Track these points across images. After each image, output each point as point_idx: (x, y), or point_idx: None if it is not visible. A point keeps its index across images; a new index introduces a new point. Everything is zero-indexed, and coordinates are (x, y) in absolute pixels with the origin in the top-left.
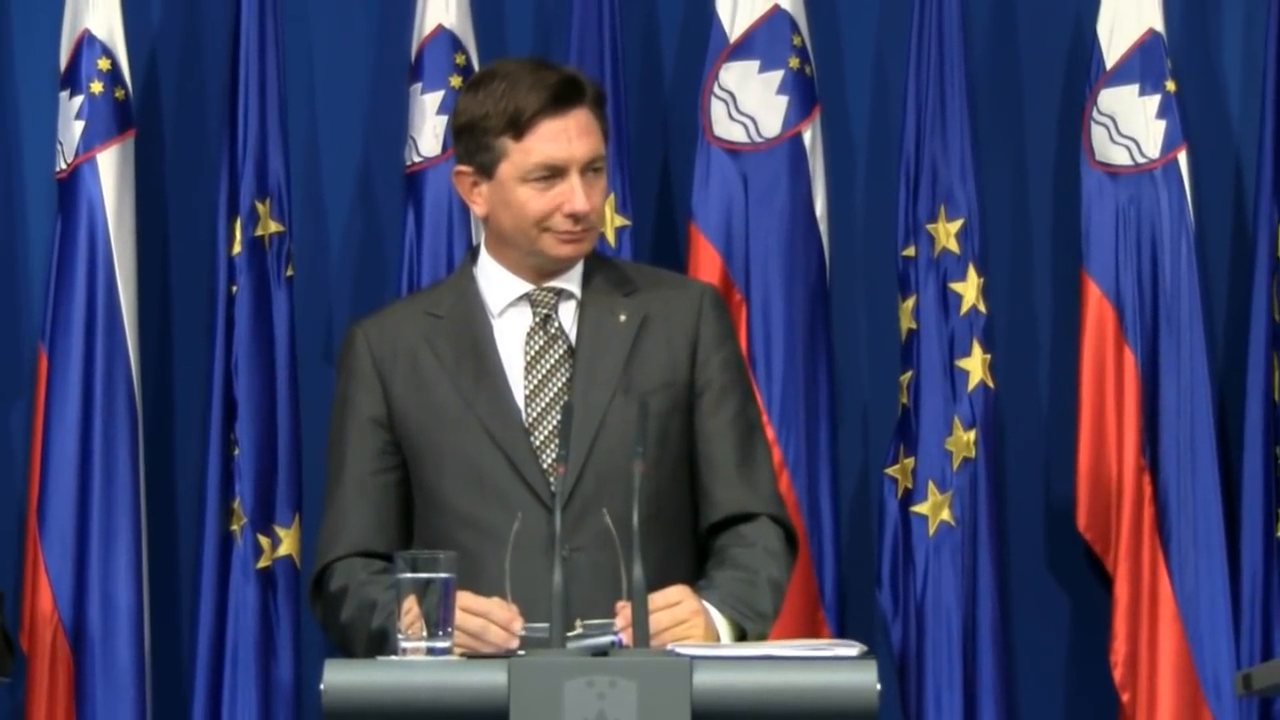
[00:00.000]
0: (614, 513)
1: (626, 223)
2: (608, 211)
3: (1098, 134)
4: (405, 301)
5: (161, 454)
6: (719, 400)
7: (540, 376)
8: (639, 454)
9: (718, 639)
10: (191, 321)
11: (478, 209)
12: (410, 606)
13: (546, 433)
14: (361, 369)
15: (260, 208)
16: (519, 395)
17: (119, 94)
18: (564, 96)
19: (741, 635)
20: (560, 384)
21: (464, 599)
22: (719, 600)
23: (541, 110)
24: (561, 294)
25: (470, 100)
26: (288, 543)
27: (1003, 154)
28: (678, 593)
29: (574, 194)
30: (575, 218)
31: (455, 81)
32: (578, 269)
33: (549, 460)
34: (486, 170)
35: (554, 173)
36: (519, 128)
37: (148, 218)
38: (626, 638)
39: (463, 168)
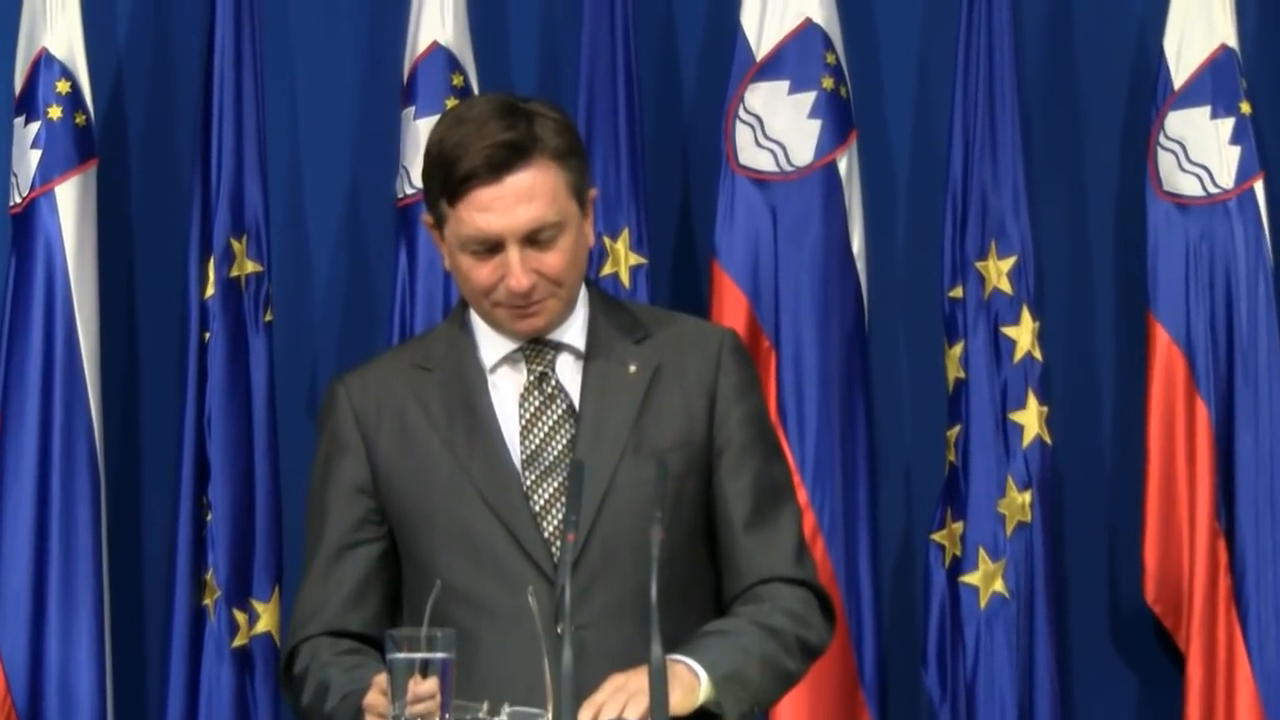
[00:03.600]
0: (625, 584)
1: (642, 261)
2: (621, 250)
3: (1165, 161)
4: (393, 353)
5: (126, 520)
6: (740, 460)
7: (539, 439)
8: (657, 520)
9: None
10: (159, 372)
11: (445, 261)
12: (382, 689)
13: (547, 497)
14: (343, 430)
15: (236, 246)
16: (516, 457)
17: (80, 120)
18: (500, 160)
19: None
20: (561, 445)
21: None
22: (684, 653)
23: (472, 176)
24: (559, 347)
25: (430, 143)
26: (266, 619)
27: (1060, 183)
28: (619, 675)
29: (511, 270)
30: (518, 296)
31: (452, 104)
32: (581, 313)
33: (551, 527)
34: (440, 227)
35: (489, 245)
36: (452, 193)
37: (111, 257)
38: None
39: (427, 217)
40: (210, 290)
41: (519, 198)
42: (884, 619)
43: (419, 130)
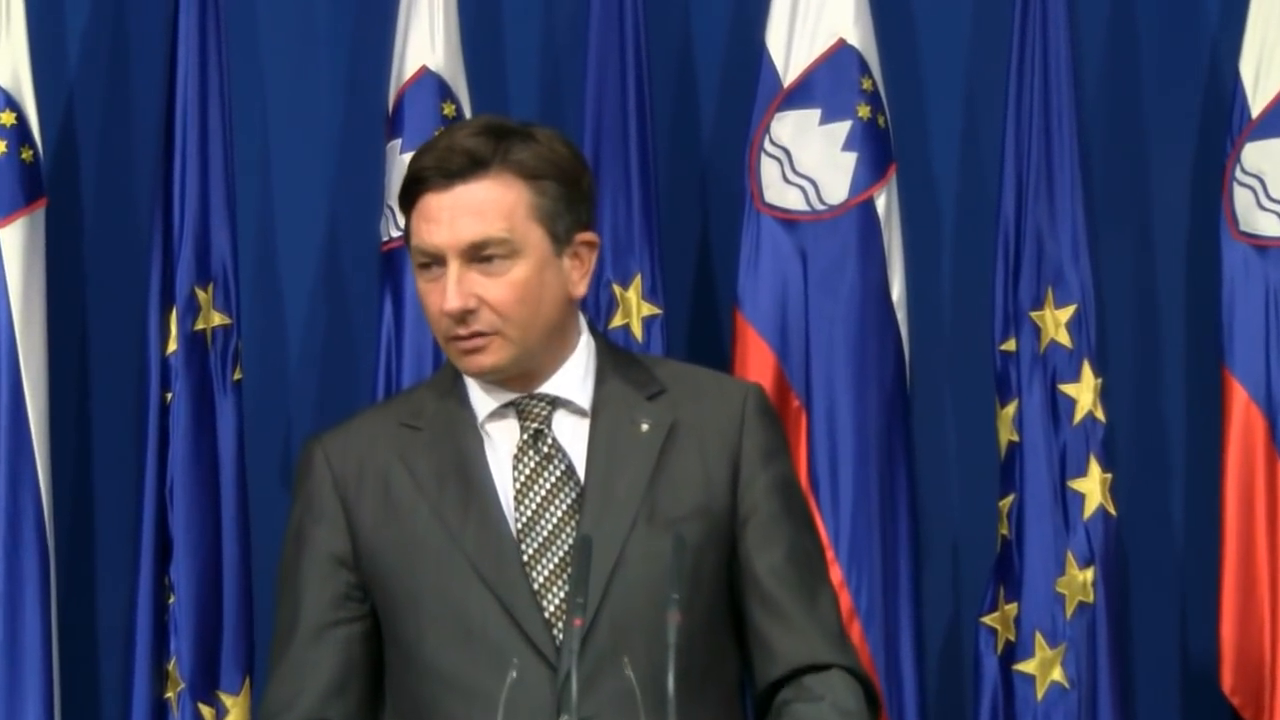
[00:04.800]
0: (637, 672)
1: (656, 311)
2: (632, 299)
3: (1242, 198)
4: (377, 410)
5: (78, 603)
6: (768, 530)
7: (535, 505)
8: (674, 601)
9: None
10: (115, 438)
11: None
12: None
13: (549, 572)
14: (319, 495)
15: (201, 295)
16: (512, 527)
17: (26, 155)
18: (455, 167)
19: None
20: (561, 513)
21: None
22: None
23: (422, 179)
24: (556, 402)
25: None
26: (236, 713)
27: (1124, 223)
28: None
29: (445, 287)
30: (453, 320)
31: None
32: (581, 365)
33: (553, 607)
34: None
35: (434, 260)
36: (405, 203)
37: (61, 308)
38: None
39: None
40: (172, 345)
41: (467, 208)
42: (929, 712)
43: (405, 166)
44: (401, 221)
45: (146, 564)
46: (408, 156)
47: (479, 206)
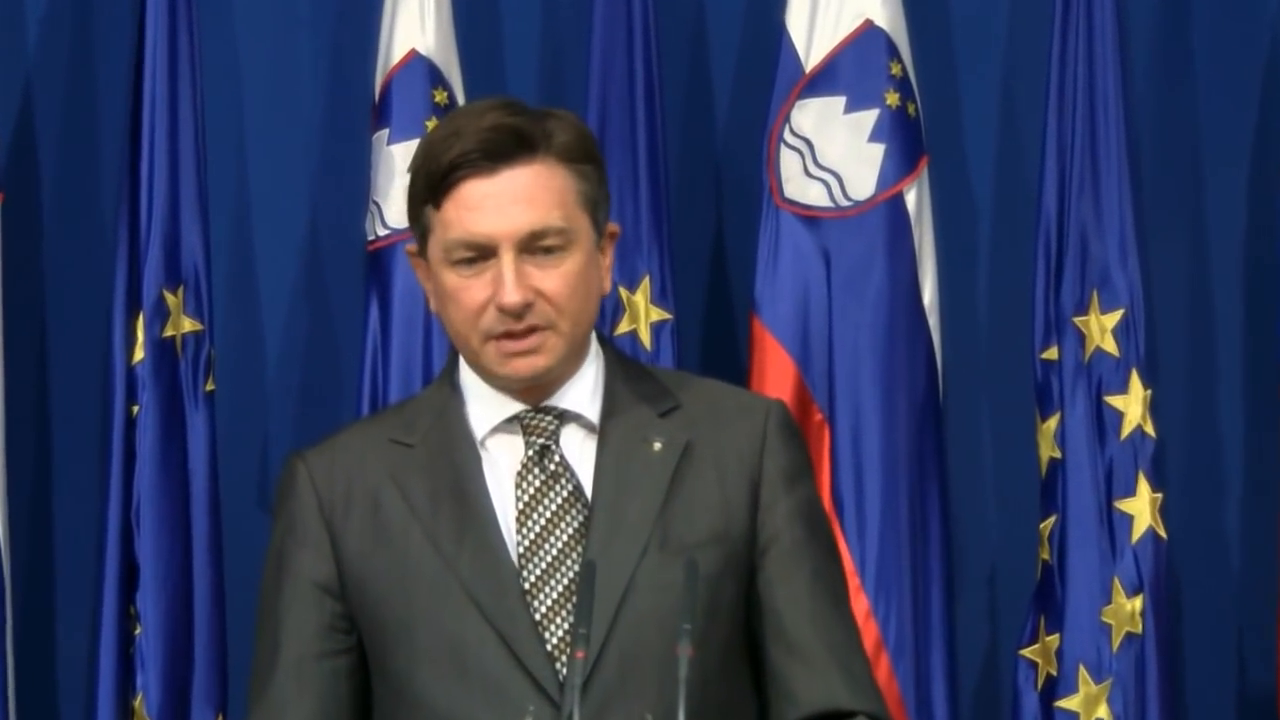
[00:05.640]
0: (646, 710)
1: (666, 317)
2: (640, 303)
3: None
4: (366, 424)
5: (36, 634)
6: (791, 559)
7: (539, 528)
8: (686, 633)
9: None
10: (77, 454)
11: (430, 302)
12: None
13: (551, 601)
14: (303, 517)
15: (171, 299)
16: (513, 551)
17: None
18: (499, 148)
19: None
20: (567, 536)
21: None
22: None
23: (462, 166)
24: (565, 415)
25: (415, 151)
26: None
27: (1176, 221)
28: None
29: (504, 280)
30: (511, 314)
31: (433, 126)
32: (590, 378)
33: (556, 638)
34: (422, 249)
35: (480, 253)
36: (436, 191)
37: (18, 314)
38: None
39: (410, 246)
40: (139, 354)
41: (518, 195)
42: None
43: (394, 158)
44: (395, 219)
45: (110, 592)
46: (396, 148)
47: (531, 193)
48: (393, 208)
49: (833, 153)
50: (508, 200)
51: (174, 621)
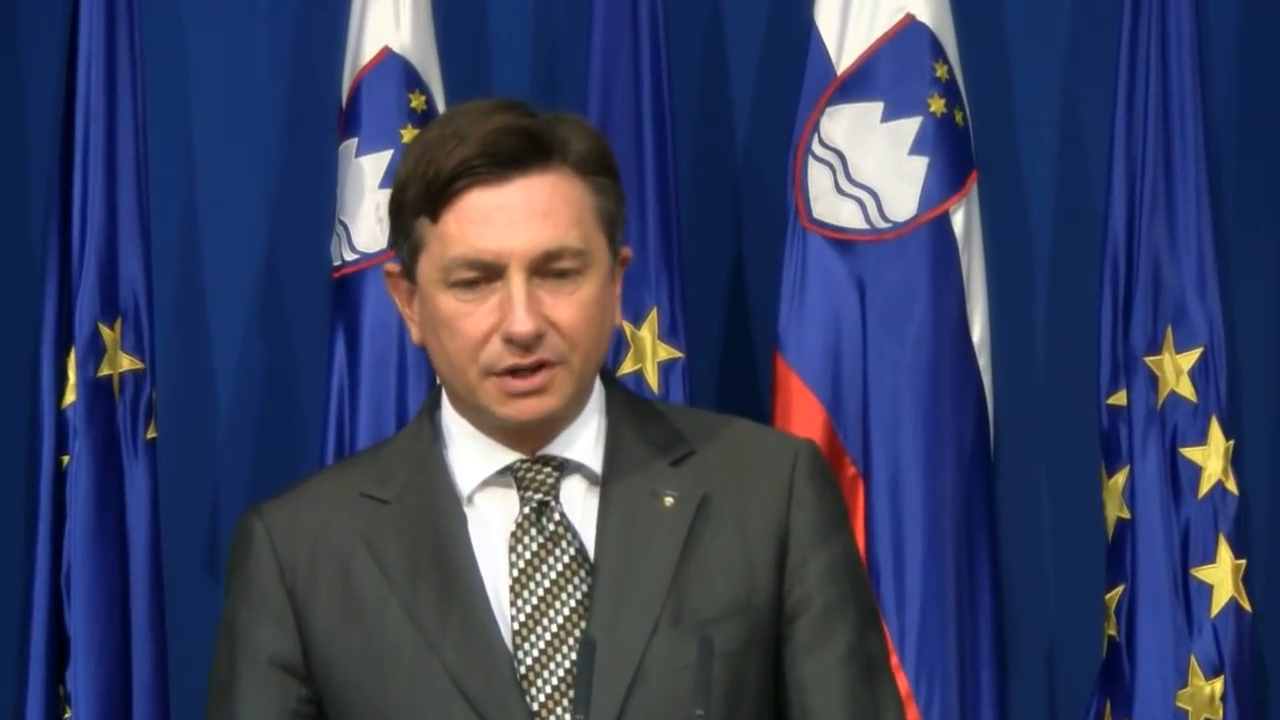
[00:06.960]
0: None
1: (676, 356)
2: (647, 339)
3: None
4: (333, 473)
5: None
6: (824, 627)
7: (536, 599)
8: (698, 719)
9: None
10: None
11: (412, 331)
12: None
13: (550, 689)
14: (262, 584)
15: (107, 334)
16: (506, 629)
17: None
18: (510, 152)
19: None
20: (569, 610)
21: None
22: None
23: (467, 173)
24: (566, 466)
25: (404, 158)
26: None
27: (1261, 249)
28: None
29: (514, 306)
30: (519, 346)
31: (410, 135)
32: (592, 422)
33: None
34: (410, 269)
35: (484, 273)
36: (435, 201)
37: None
38: None
39: (391, 265)
40: (70, 396)
41: (531, 210)
42: None
43: (363, 171)
44: (365, 243)
45: (37, 670)
46: (366, 160)
47: (547, 207)
48: (362, 229)
49: (868, 167)
50: (520, 214)
51: (109, 705)
